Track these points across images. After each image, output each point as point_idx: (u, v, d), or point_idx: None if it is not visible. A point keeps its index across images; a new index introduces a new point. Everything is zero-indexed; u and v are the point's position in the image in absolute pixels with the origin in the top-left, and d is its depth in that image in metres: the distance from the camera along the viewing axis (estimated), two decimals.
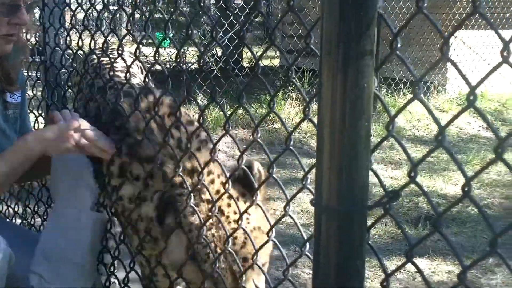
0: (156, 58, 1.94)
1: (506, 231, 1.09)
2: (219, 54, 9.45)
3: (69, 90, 2.79)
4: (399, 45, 1.21)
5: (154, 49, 1.99)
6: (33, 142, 2.26)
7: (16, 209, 3.59)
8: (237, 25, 7.98)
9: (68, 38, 2.66)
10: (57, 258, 2.39)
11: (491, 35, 8.50)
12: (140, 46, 2.10)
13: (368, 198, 1.27)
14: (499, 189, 5.51)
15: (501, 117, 8.00)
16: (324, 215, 1.27)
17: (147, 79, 2.07)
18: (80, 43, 2.47)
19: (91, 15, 2.62)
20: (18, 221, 3.66)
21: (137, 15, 11.64)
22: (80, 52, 2.56)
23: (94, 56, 2.87)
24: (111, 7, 2.70)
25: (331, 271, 1.29)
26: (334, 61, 1.22)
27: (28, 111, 2.94)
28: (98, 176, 2.56)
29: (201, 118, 1.77)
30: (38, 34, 3.15)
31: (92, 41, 2.41)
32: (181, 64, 8.19)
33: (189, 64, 8.44)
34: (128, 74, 2.15)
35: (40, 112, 3.19)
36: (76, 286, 2.42)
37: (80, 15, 2.70)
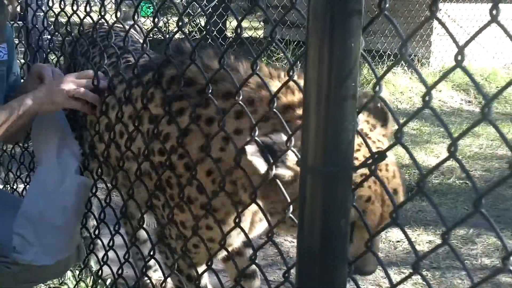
0: (135, 19, 1.95)
1: (490, 191, 1.10)
2: (203, 23, 9.38)
3: (53, 53, 2.76)
4: (387, 5, 1.20)
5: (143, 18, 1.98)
6: (29, 101, 2.27)
7: None
8: None
9: (51, 1, 2.62)
10: (40, 221, 2.38)
11: (475, 9, 8.51)
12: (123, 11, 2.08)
13: (353, 159, 1.27)
14: (480, 162, 5.56)
15: (483, 91, 8.02)
16: (309, 176, 1.27)
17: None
18: (62, 5, 2.43)
19: None
20: (0, 186, 3.64)
21: None
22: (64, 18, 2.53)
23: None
24: None
25: (315, 232, 1.30)
26: (321, 22, 1.21)
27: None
28: (81, 141, 2.56)
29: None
30: None
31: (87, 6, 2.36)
32: (164, 33, 8.12)
33: (171, 33, 8.37)
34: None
35: (22, 75, 3.15)
36: (58, 248, 2.41)
37: None
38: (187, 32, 9.84)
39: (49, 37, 2.79)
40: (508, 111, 7.65)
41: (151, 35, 8.55)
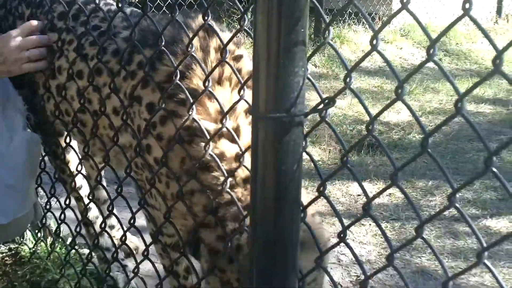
0: None
1: (437, 129, 1.12)
2: None
3: None
4: None
5: None
6: None
7: None
8: None
9: None
10: None
11: None
12: None
13: (304, 105, 1.28)
14: (440, 117, 5.65)
15: (443, 47, 8.11)
16: (260, 123, 1.27)
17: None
18: None
19: None
20: None
21: None
22: None
23: None
24: None
25: (268, 180, 1.31)
26: None
27: None
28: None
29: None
30: None
31: None
32: None
33: None
34: None
35: None
36: (13, 207, 2.38)
37: None
38: None
39: None
40: (468, 67, 7.74)
41: None
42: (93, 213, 2.84)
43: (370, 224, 3.68)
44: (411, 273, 3.26)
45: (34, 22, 2.31)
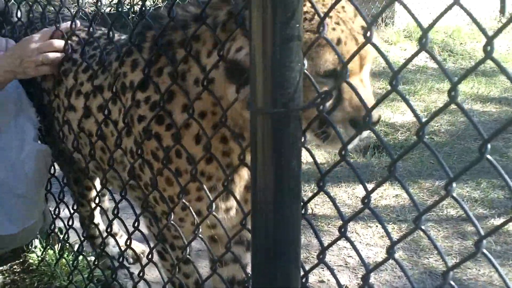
0: None
1: (431, 119, 1.12)
2: None
3: None
4: None
5: None
6: (2, 69, 2.28)
7: None
8: None
9: None
10: (2, 190, 2.37)
11: None
12: None
13: (302, 99, 1.29)
14: (446, 117, 5.63)
15: (448, 48, 8.10)
16: (259, 118, 1.28)
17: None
18: None
19: None
20: None
21: None
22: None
23: None
24: None
25: (268, 175, 1.32)
26: None
27: None
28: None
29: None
30: None
31: None
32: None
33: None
34: None
35: None
36: (23, 216, 2.41)
37: None
38: (152, 2, 9.74)
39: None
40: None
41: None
42: (101, 226, 2.88)
43: (376, 226, 3.68)
44: (419, 274, 3.25)
45: (54, 28, 2.35)
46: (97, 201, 2.31)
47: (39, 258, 3.11)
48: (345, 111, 1.58)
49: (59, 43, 2.29)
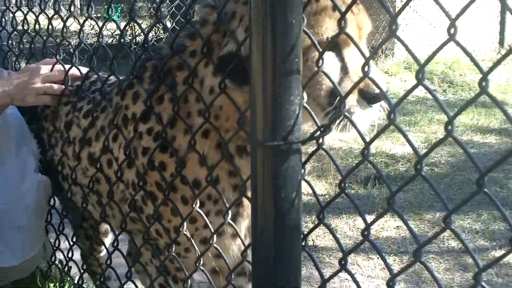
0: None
1: (429, 152, 1.13)
2: (169, 25, 9.36)
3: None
4: None
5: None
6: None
7: None
8: None
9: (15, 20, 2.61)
10: (3, 221, 2.37)
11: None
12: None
13: (301, 133, 1.30)
14: (446, 148, 5.65)
15: (447, 79, 8.17)
16: (259, 151, 1.29)
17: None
18: (26, 26, 2.45)
19: None
20: None
21: None
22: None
23: None
24: None
25: (268, 208, 1.32)
26: (262, 6, 1.24)
27: None
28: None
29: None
30: None
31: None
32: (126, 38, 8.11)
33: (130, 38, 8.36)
34: None
35: None
36: (24, 248, 2.41)
37: None
38: (154, 34, 9.83)
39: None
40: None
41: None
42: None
43: (378, 258, 3.66)
44: None
45: (50, 60, 2.37)
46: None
47: None
48: (352, 80, 1.61)
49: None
